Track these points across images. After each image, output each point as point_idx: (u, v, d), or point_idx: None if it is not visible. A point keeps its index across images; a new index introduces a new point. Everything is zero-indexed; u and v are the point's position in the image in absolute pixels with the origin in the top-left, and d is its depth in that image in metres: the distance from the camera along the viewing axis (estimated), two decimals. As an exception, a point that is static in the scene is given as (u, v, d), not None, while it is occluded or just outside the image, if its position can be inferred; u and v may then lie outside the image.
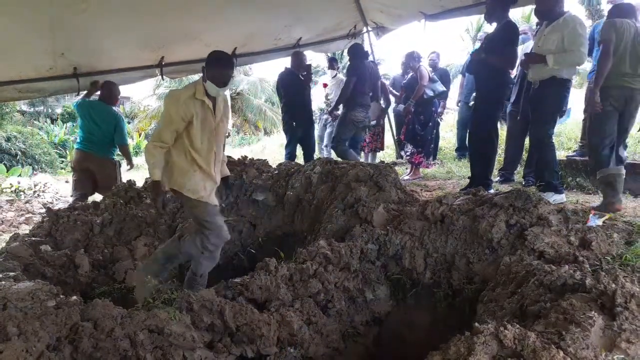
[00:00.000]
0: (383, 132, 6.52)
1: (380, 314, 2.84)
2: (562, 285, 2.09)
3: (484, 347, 1.70)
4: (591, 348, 1.67)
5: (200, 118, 2.65)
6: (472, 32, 20.37)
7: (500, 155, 5.03)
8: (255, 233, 3.99)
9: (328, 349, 2.48)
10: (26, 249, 3.06)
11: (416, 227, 3.03)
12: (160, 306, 2.25)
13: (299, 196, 4.01)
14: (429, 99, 5.38)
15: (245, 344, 2.21)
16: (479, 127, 4.07)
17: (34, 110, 20.42)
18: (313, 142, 5.78)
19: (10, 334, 1.81)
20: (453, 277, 2.80)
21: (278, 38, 5.51)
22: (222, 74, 2.65)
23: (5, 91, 4.20)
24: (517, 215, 2.81)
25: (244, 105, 19.99)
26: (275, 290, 2.52)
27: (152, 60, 4.82)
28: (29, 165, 11.21)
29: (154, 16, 4.09)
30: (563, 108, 3.79)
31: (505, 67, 3.88)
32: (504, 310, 2.17)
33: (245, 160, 4.59)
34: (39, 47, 3.82)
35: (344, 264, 2.82)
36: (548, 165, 3.73)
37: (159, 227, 3.87)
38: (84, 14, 3.52)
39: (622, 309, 1.81)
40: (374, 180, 3.69)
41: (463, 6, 4.88)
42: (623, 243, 2.56)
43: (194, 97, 2.63)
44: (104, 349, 1.92)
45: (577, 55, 3.46)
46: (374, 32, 6.19)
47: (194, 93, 2.63)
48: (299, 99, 5.39)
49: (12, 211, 5.84)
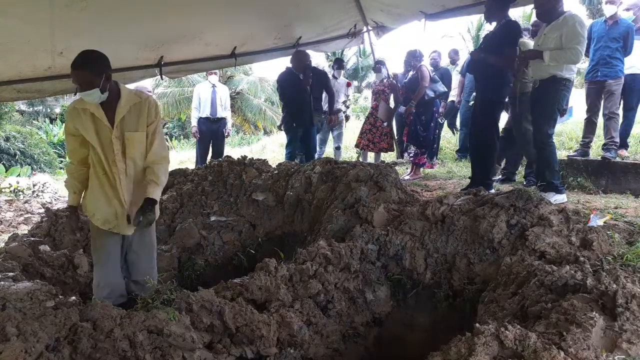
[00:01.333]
0: (392, 133, 6.51)
1: (380, 314, 2.83)
2: (563, 285, 2.09)
3: (485, 348, 1.70)
4: (592, 349, 1.67)
5: (94, 131, 2.32)
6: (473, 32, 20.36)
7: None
8: (255, 233, 3.98)
9: (328, 350, 2.47)
10: (25, 249, 3.05)
11: (417, 228, 3.02)
12: (159, 307, 2.24)
13: (299, 196, 4.01)
14: (430, 100, 5.38)
15: (245, 344, 2.20)
16: (479, 126, 4.06)
17: (33, 110, 20.40)
18: (314, 142, 5.77)
19: (9, 335, 1.80)
20: (454, 278, 2.79)
21: (278, 37, 5.50)
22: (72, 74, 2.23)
23: (5, 91, 4.19)
24: (518, 215, 2.80)
25: (244, 104, 19.98)
26: (275, 290, 2.51)
27: (151, 59, 4.81)
28: (28, 165, 11.20)
29: (153, 15, 4.08)
30: (564, 107, 3.79)
31: (506, 66, 3.88)
32: (504, 311, 2.16)
33: (245, 160, 4.58)
34: (38, 46, 3.81)
35: (344, 264, 2.81)
36: (549, 165, 3.73)
37: (158, 227, 3.86)
38: (84, 13, 3.51)
39: (623, 309, 1.81)
40: (374, 180, 3.68)
41: (463, 5, 4.86)
42: (624, 243, 2.56)
43: (77, 107, 2.32)
44: (103, 350, 1.91)
45: (573, 52, 3.45)
46: (374, 31, 6.17)
47: (78, 102, 2.33)
48: (299, 99, 5.38)
49: (11, 211, 5.83)
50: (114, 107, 2.33)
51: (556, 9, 3.58)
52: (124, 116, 2.35)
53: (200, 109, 6.64)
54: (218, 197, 4.18)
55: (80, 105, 2.31)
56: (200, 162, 6.49)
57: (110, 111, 2.33)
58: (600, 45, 4.80)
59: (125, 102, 2.36)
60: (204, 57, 5.14)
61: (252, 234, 3.98)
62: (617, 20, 4.77)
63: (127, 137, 2.36)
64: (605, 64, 4.79)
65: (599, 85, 4.88)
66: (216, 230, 3.89)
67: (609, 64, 4.77)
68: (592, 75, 4.92)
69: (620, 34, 4.73)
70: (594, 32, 4.87)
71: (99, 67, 2.24)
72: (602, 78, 4.83)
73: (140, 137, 2.40)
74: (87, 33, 3.79)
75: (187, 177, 4.46)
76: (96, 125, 2.33)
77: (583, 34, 3.49)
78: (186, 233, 3.79)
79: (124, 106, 2.35)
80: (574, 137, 6.28)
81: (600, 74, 4.84)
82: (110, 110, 2.33)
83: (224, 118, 6.79)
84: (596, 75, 4.88)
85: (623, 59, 4.77)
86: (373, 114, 6.22)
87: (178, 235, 3.79)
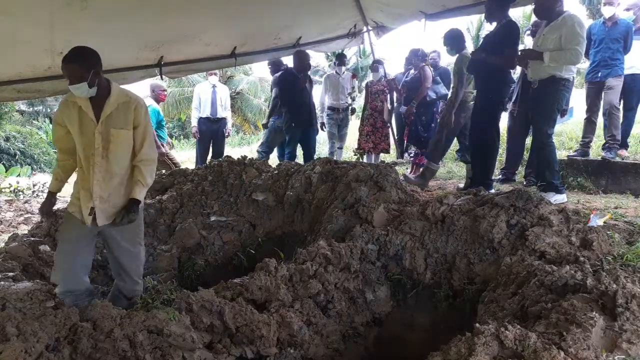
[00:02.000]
0: (391, 133, 6.49)
1: (380, 314, 2.83)
2: (563, 285, 2.09)
3: (485, 348, 1.70)
4: (592, 349, 1.67)
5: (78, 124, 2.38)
6: (473, 32, 20.34)
7: (502, 155, 5.03)
8: (255, 233, 3.98)
9: (328, 350, 2.47)
10: (25, 249, 3.05)
11: (417, 228, 3.02)
12: (159, 307, 2.24)
13: (299, 196, 4.01)
14: (431, 101, 5.38)
15: (245, 344, 2.20)
16: (479, 126, 4.06)
17: (33, 110, 20.41)
18: (313, 142, 5.77)
19: (9, 335, 1.80)
20: (454, 278, 2.79)
21: (278, 37, 5.50)
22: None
23: (5, 91, 4.18)
24: (518, 215, 2.80)
25: (244, 104, 19.98)
26: (275, 290, 2.51)
27: (151, 59, 4.80)
28: (28, 165, 11.21)
29: (153, 15, 4.08)
30: (564, 107, 3.79)
31: (506, 66, 3.88)
32: (504, 311, 2.16)
33: (245, 160, 4.58)
34: (38, 46, 3.81)
35: (344, 264, 2.81)
36: (549, 165, 3.73)
37: (158, 227, 3.87)
38: (84, 13, 3.50)
39: (623, 309, 1.81)
40: (374, 180, 3.68)
41: (463, 5, 4.87)
42: (624, 243, 2.56)
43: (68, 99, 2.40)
44: (103, 350, 1.91)
45: (573, 53, 3.45)
46: (374, 31, 6.18)
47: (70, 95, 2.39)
48: (298, 100, 5.38)
49: (11, 211, 5.83)
50: (103, 104, 2.39)
51: (555, 8, 3.58)
52: (111, 113, 2.40)
53: (201, 109, 6.64)
54: (218, 197, 4.17)
55: (71, 98, 2.38)
56: (200, 162, 6.49)
57: (98, 107, 2.39)
58: (601, 47, 4.80)
59: (114, 100, 2.41)
60: (204, 57, 5.14)
61: (252, 234, 3.98)
62: (616, 21, 4.77)
63: (113, 133, 2.40)
64: (605, 66, 4.79)
65: (599, 85, 4.89)
66: (216, 230, 3.89)
67: (609, 65, 4.77)
68: (592, 76, 4.93)
69: (621, 34, 4.73)
70: (594, 34, 4.87)
71: (87, 62, 2.30)
72: (603, 79, 4.83)
73: (126, 135, 2.44)
74: (87, 33, 3.79)
75: (187, 177, 4.46)
76: (81, 119, 2.38)
77: (582, 35, 3.49)
78: (186, 233, 3.79)
79: (112, 103, 2.40)
80: (574, 137, 6.28)
81: (600, 75, 4.84)
82: (98, 106, 2.39)
83: (224, 118, 6.78)
84: (596, 76, 4.89)
85: (623, 59, 4.77)
86: (373, 114, 6.20)
87: (178, 235, 3.79)
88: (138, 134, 2.48)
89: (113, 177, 2.44)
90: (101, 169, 2.40)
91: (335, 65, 6.74)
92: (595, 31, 4.89)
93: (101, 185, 2.42)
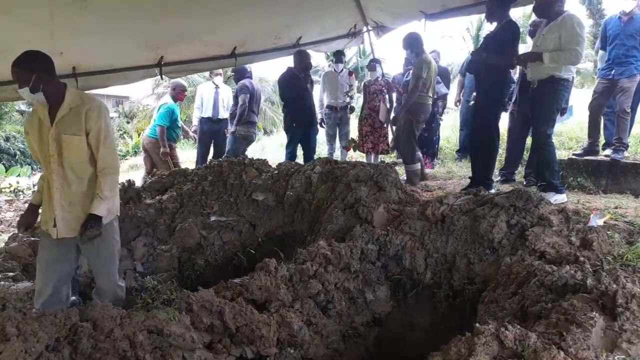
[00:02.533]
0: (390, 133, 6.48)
1: (380, 314, 2.83)
2: (563, 285, 2.09)
3: (485, 348, 1.70)
4: (592, 349, 1.67)
5: (38, 130, 2.32)
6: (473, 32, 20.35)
7: (502, 155, 5.02)
8: (255, 233, 3.98)
9: (328, 350, 2.47)
10: (25, 249, 3.06)
11: (417, 228, 3.02)
12: (159, 307, 2.24)
13: (299, 196, 4.01)
14: (432, 101, 5.37)
15: (245, 344, 2.20)
16: (479, 126, 4.06)
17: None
18: (313, 142, 5.77)
19: (9, 335, 1.80)
20: (454, 278, 2.79)
21: (278, 37, 5.50)
22: None
23: (5, 91, 4.18)
24: (518, 215, 2.80)
25: (244, 105, 19.92)
26: (275, 290, 2.51)
27: (151, 59, 4.80)
28: (28, 165, 11.22)
29: (153, 15, 4.07)
30: (563, 106, 3.78)
31: (506, 66, 3.88)
32: (504, 311, 2.16)
33: (245, 160, 4.58)
34: (38, 46, 3.79)
35: (344, 264, 2.81)
36: (548, 165, 3.73)
37: (158, 227, 3.87)
38: (84, 13, 3.50)
39: (623, 309, 1.81)
40: (374, 180, 3.68)
41: (463, 5, 4.86)
42: (624, 243, 2.56)
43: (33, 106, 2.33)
44: (103, 350, 1.91)
45: (573, 54, 3.45)
46: (374, 31, 6.17)
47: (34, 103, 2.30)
48: (299, 100, 5.38)
49: (11, 211, 5.84)
50: (54, 110, 2.32)
51: (554, 7, 3.58)
52: (63, 117, 2.30)
53: (203, 109, 6.65)
54: (218, 197, 4.18)
55: (34, 105, 2.33)
56: (200, 162, 6.49)
57: (54, 113, 2.32)
58: (616, 43, 4.60)
59: (67, 104, 2.31)
60: (204, 57, 5.14)
61: (252, 234, 3.98)
62: (632, 16, 4.53)
63: (64, 139, 2.30)
64: (619, 63, 4.59)
65: (611, 83, 4.69)
66: (216, 230, 3.89)
67: (623, 63, 4.57)
68: (606, 72, 4.73)
69: (637, 30, 4.51)
70: (609, 29, 4.68)
71: (29, 67, 2.24)
72: (616, 77, 4.63)
73: (79, 141, 2.32)
74: (87, 33, 3.79)
75: (187, 177, 4.46)
76: (40, 125, 2.33)
77: (582, 35, 3.48)
78: (186, 233, 3.79)
79: (64, 107, 2.31)
80: (574, 137, 6.27)
81: (614, 72, 4.63)
82: (54, 112, 2.32)
83: (226, 119, 6.78)
84: (609, 74, 4.67)
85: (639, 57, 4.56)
86: (371, 114, 6.19)
87: (178, 235, 3.79)
88: (91, 140, 2.35)
89: (71, 184, 2.35)
90: (59, 176, 2.33)
91: (333, 63, 6.72)
92: (610, 26, 4.69)
93: (60, 193, 2.33)
